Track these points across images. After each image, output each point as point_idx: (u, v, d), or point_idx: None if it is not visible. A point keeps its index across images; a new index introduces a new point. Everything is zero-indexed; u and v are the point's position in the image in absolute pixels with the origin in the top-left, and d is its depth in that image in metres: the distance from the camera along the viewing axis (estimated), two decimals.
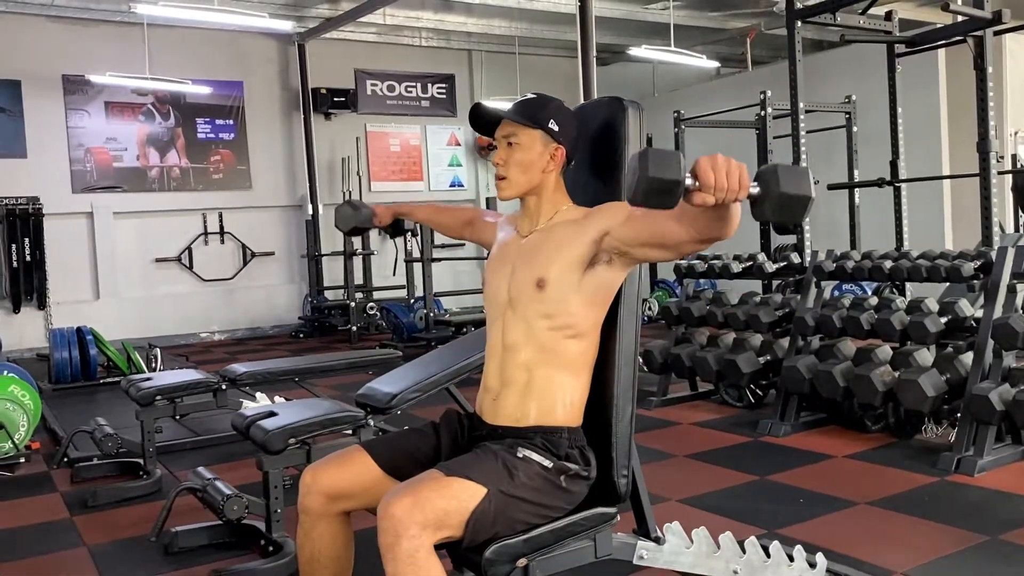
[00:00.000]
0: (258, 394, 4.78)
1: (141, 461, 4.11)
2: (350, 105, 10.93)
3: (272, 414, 3.08)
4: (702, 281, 6.95)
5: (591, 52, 6.20)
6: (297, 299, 10.76)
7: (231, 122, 10.47)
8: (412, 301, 9.11)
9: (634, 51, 9.04)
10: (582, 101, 6.28)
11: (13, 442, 4.48)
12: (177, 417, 4.26)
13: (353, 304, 9.18)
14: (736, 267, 5.03)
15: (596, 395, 1.97)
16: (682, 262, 5.37)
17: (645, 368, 5.18)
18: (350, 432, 3.23)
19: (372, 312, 9.42)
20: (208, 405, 4.23)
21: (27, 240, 9.16)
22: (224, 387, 4.19)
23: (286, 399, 5.31)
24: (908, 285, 5.63)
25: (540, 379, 1.88)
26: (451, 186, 11.80)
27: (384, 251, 10.91)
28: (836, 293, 6.76)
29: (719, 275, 5.13)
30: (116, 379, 6.79)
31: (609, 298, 1.91)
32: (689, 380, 5.27)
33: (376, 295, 10.19)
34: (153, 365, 7.07)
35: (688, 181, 1.36)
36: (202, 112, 10.27)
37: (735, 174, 1.35)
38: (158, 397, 3.99)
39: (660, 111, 10.13)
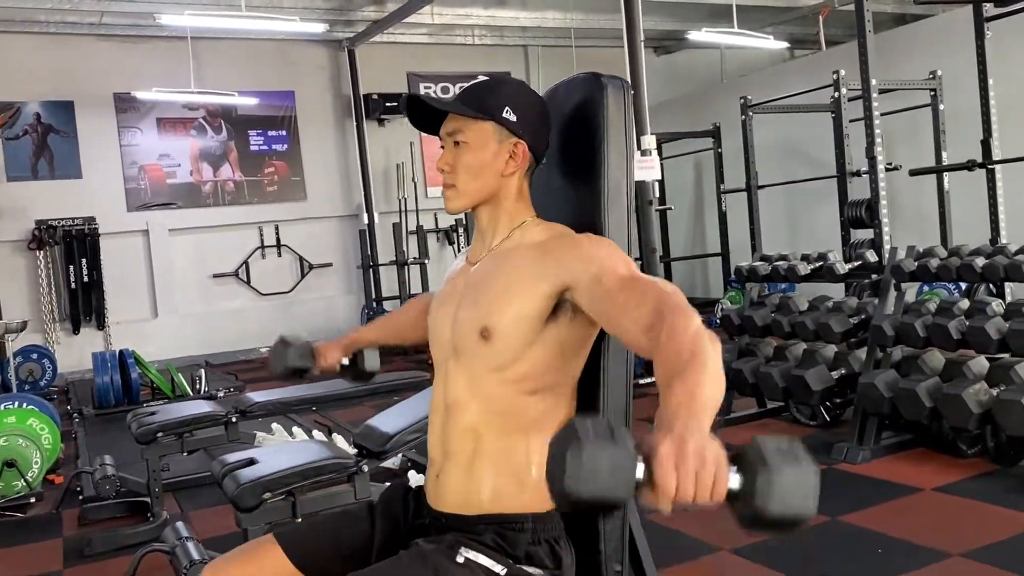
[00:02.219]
0: (274, 425, 4.46)
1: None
2: (403, 109, 10.60)
3: (252, 462, 2.71)
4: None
5: (638, 37, 5.67)
6: (356, 310, 10.51)
7: (283, 133, 10.29)
8: None
9: (693, 35, 8.46)
10: (630, 92, 5.79)
11: (26, 480, 4.26)
12: (185, 453, 3.96)
13: None
14: (804, 268, 4.45)
15: None
16: (743, 264, 4.82)
17: None
18: (345, 480, 2.83)
19: None
20: (219, 439, 3.91)
21: (84, 261, 9.13)
22: (235, 419, 3.86)
23: (310, 426, 5.00)
24: (1007, 285, 4.92)
25: (492, 448, 1.42)
26: None
27: (442, 258, 10.56)
28: (925, 288, 6.07)
29: (785, 278, 4.56)
30: (161, 401, 6.63)
31: (584, 349, 1.46)
32: (755, 396, 4.71)
33: None
34: (197, 386, 6.87)
35: (639, 472, 0.94)
36: (254, 124, 10.11)
37: (707, 479, 0.93)
38: (160, 434, 3.68)
39: (729, 98, 9.52)
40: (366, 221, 10.27)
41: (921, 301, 3.93)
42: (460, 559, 1.34)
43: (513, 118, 1.48)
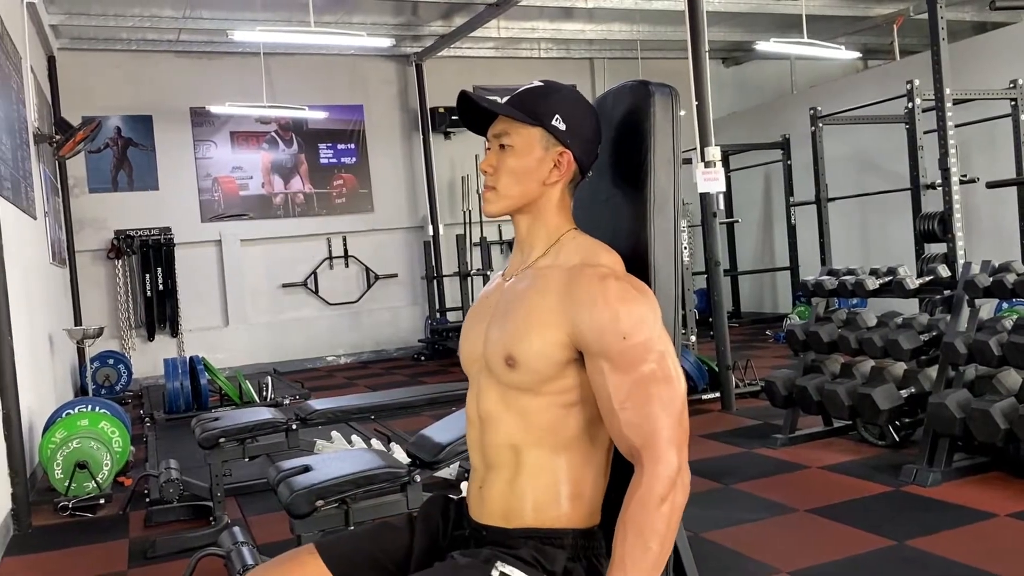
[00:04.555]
0: (333, 433, 4.51)
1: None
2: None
3: (307, 469, 2.75)
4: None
5: (703, 48, 5.59)
6: (420, 320, 10.60)
7: (352, 146, 10.47)
8: None
9: (762, 46, 8.32)
10: (694, 103, 5.72)
11: (96, 482, 4.39)
12: (247, 459, 4.03)
13: None
14: (872, 283, 4.32)
15: (618, 481, 1.47)
16: (809, 278, 4.70)
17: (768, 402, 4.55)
18: (398, 489, 2.84)
19: None
20: (280, 446, 3.98)
21: (160, 270, 9.44)
22: (295, 427, 3.92)
23: (370, 434, 5.03)
24: None
25: (531, 462, 1.39)
26: None
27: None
28: (1004, 305, 5.82)
29: (852, 293, 4.42)
30: (228, 408, 6.78)
31: None
32: (821, 414, 4.58)
33: None
34: (264, 394, 7.01)
35: None
36: (324, 137, 10.32)
37: None
38: (222, 439, 3.76)
39: (798, 109, 9.36)
40: (431, 233, 10.38)
41: (997, 318, 3.77)
42: (495, 573, 1.32)
43: (562, 127, 1.46)
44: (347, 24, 8.78)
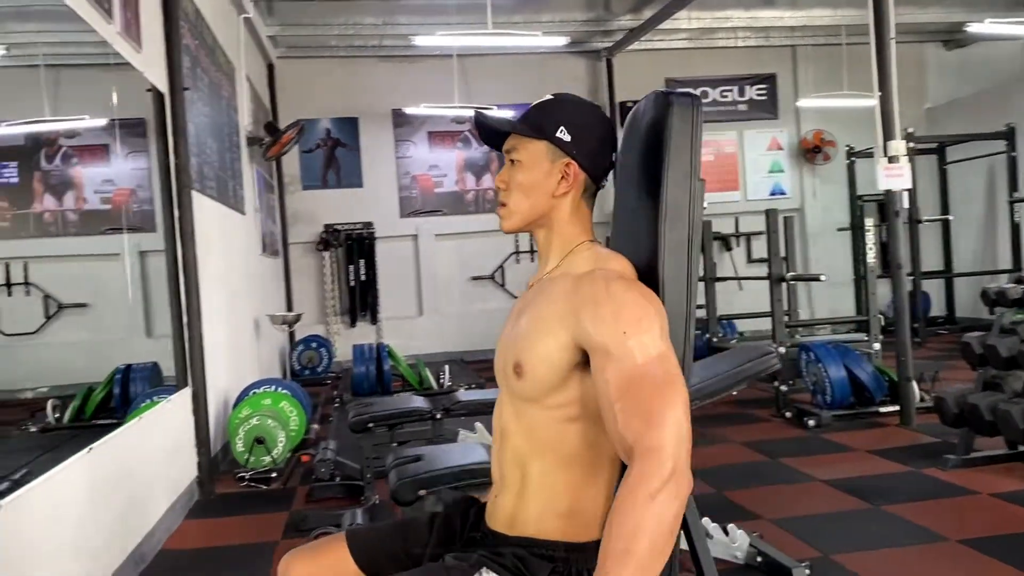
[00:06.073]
0: (477, 424, 4.65)
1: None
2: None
3: (418, 459, 2.89)
4: None
5: (887, 34, 5.23)
6: None
7: None
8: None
9: (974, 27, 7.58)
10: (876, 93, 5.33)
11: (271, 456, 4.81)
12: (395, 444, 4.27)
13: None
14: None
15: None
16: (991, 286, 4.27)
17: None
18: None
19: None
20: (426, 433, 4.19)
21: (362, 261, 10.12)
22: (439, 416, 4.11)
23: None
24: None
25: (536, 476, 1.41)
26: (771, 195, 10.87)
27: None
28: None
29: None
30: (409, 392, 7.18)
31: None
32: (996, 435, 4.14)
33: None
34: (441, 381, 7.33)
35: None
36: None
37: None
38: (371, 424, 4.01)
39: None
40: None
41: None
42: None
43: (567, 138, 1.47)
44: (537, 23, 8.94)
